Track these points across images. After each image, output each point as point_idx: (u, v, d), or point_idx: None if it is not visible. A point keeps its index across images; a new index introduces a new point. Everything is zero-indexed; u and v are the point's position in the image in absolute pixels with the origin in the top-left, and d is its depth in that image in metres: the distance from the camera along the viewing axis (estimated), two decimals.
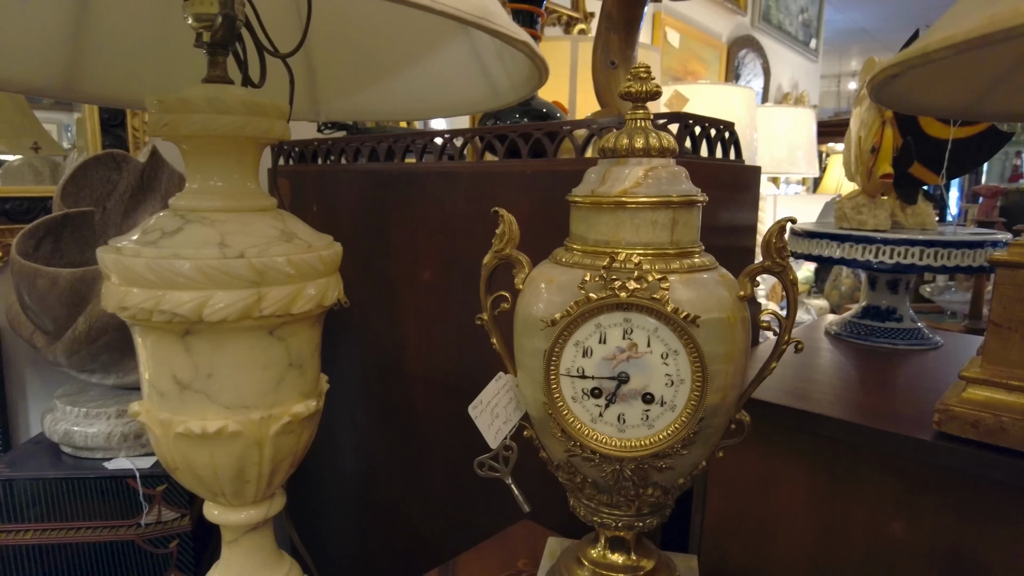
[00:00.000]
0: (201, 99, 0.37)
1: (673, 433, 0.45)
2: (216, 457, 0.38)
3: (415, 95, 0.53)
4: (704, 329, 0.45)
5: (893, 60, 0.37)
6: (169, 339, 0.36)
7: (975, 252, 0.75)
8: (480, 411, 0.55)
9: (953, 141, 0.82)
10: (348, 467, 1.20)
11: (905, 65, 0.36)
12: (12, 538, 0.87)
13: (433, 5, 0.27)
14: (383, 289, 1.05)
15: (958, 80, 0.43)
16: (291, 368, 0.39)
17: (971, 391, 0.55)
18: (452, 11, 0.27)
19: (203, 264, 0.35)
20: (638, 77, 0.50)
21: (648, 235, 0.47)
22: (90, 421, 0.91)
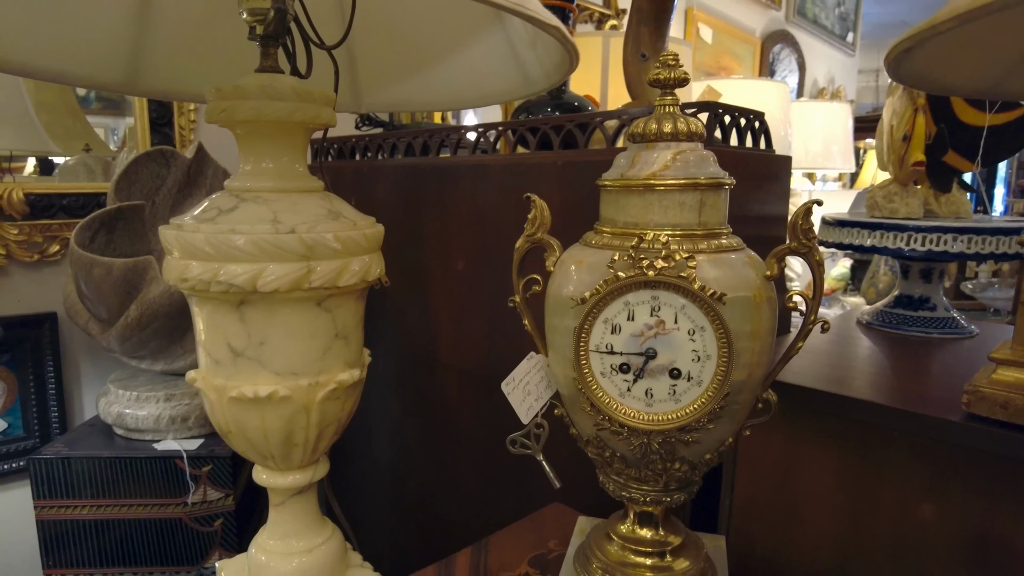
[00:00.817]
0: (255, 87, 0.40)
1: (700, 407, 0.47)
2: (267, 421, 0.41)
3: (451, 85, 0.55)
4: (730, 307, 0.46)
5: (905, 35, 0.38)
6: (224, 309, 0.39)
7: (1010, 239, 0.74)
8: (513, 388, 0.57)
9: (989, 128, 0.81)
10: (384, 457, 1.23)
11: (916, 39, 0.36)
12: (70, 513, 0.92)
13: None
14: (417, 282, 1.08)
15: (980, 58, 0.44)
16: (337, 339, 0.42)
17: (1001, 372, 0.55)
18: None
19: (257, 238, 0.38)
20: (666, 65, 0.51)
21: (676, 216, 0.49)
22: (140, 404, 0.95)
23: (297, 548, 0.46)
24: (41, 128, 1.38)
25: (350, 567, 0.49)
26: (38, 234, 1.13)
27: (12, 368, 1.13)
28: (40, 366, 1.14)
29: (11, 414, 1.13)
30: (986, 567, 0.56)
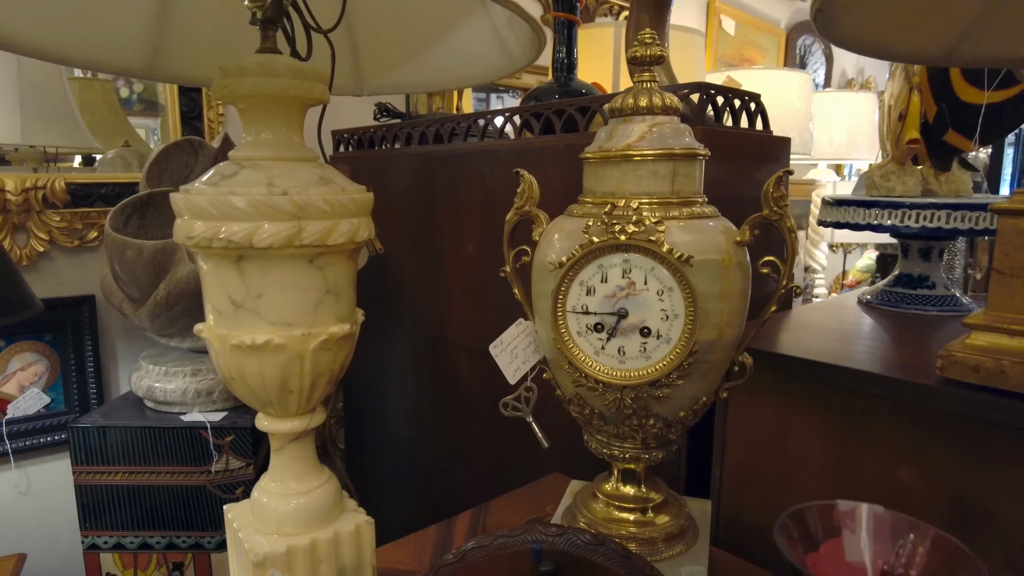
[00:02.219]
0: (254, 65, 0.44)
1: (668, 364, 0.50)
2: (264, 368, 0.45)
3: (444, 67, 0.59)
4: (698, 269, 0.49)
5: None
6: (226, 264, 0.43)
7: None
8: (500, 350, 0.61)
9: (987, 106, 0.82)
10: (402, 434, 1.27)
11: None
12: (105, 479, 0.99)
13: None
14: (431, 265, 1.12)
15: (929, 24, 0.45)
16: (328, 294, 0.46)
17: (974, 337, 0.56)
18: None
19: (253, 199, 0.42)
20: (643, 43, 0.54)
21: (650, 185, 0.52)
22: (169, 378, 1.01)
23: (295, 490, 0.50)
24: (84, 127, 1.47)
25: (345, 511, 0.53)
26: (78, 221, 1.20)
27: (55, 347, 1.21)
28: (80, 345, 1.22)
29: (54, 389, 1.21)
30: (963, 527, 0.58)
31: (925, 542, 0.26)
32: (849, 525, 0.28)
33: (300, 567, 0.49)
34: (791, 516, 0.26)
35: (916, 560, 0.26)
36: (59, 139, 1.45)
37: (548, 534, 0.48)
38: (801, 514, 0.27)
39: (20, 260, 1.15)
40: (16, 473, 1.19)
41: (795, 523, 0.27)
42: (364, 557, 0.52)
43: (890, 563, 0.27)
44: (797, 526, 0.27)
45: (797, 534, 0.26)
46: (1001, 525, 0.55)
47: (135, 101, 1.50)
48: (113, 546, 1.01)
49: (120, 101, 1.50)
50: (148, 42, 0.58)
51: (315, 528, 0.50)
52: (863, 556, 0.27)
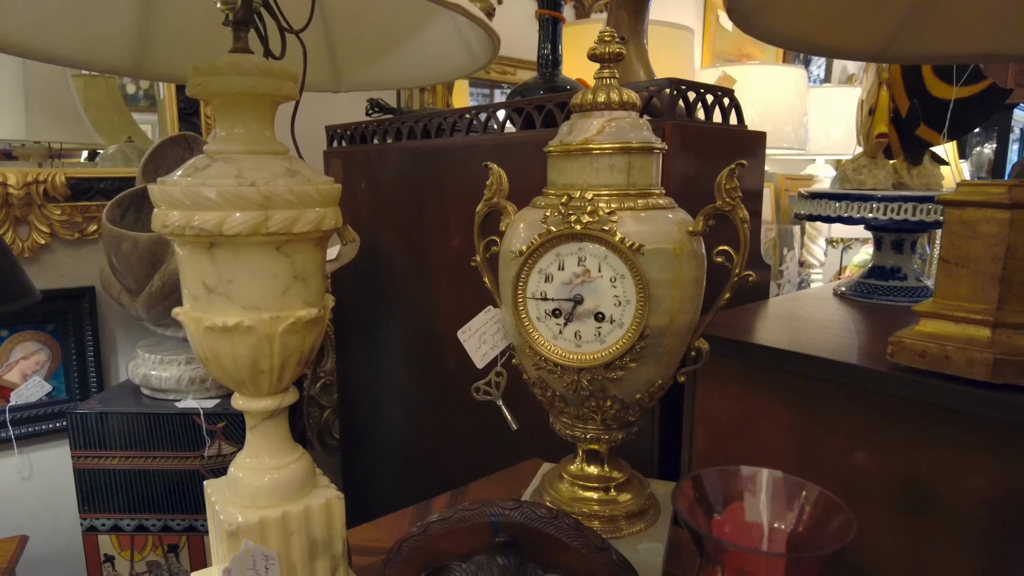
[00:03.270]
0: (225, 64, 0.47)
1: (621, 347, 0.52)
2: (236, 348, 0.48)
3: (415, 64, 0.61)
4: (649, 257, 0.51)
5: None
6: (199, 251, 0.46)
7: None
8: (468, 336, 0.63)
9: (956, 101, 0.84)
10: (394, 423, 1.30)
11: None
12: (103, 463, 1.02)
13: None
14: (420, 257, 1.15)
15: (863, 22, 0.47)
16: (296, 280, 0.48)
17: (922, 324, 0.58)
18: None
19: (223, 190, 0.44)
20: (602, 40, 0.56)
21: (607, 177, 0.54)
22: (164, 367, 1.05)
23: (269, 465, 0.53)
24: (88, 123, 1.51)
25: (317, 486, 0.55)
26: (78, 215, 1.24)
27: (56, 337, 1.25)
28: (80, 335, 1.25)
29: (55, 378, 1.25)
30: (913, 507, 0.60)
31: (810, 500, 0.29)
32: (751, 489, 0.30)
33: (272, 538, 0.52)
34: (691, 480, 0.29)
35: (803, 518, 0.29)
36: (63, 135, 1.48)
37: (505, 508, 0.51)
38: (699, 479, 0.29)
39: (22, 252, 1.19)
40: (19, 458, 1.23)
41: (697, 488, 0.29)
42: (334, 530, 0.55)
43: (782, 521, 0.29)
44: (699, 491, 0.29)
45: (700, 498, 0.29)
46: (946, 504, 0.58)
47: (141, 97, 1.54)
48: (111, 528, 1.04)
49: (126, 97, 1.54)
50: (133, 41, 0.61)
51: (287, 502, 0.53)
52: (761, 517, 0.29)
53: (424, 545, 0.52)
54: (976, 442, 0.55)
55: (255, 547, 0.50)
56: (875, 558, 0.62)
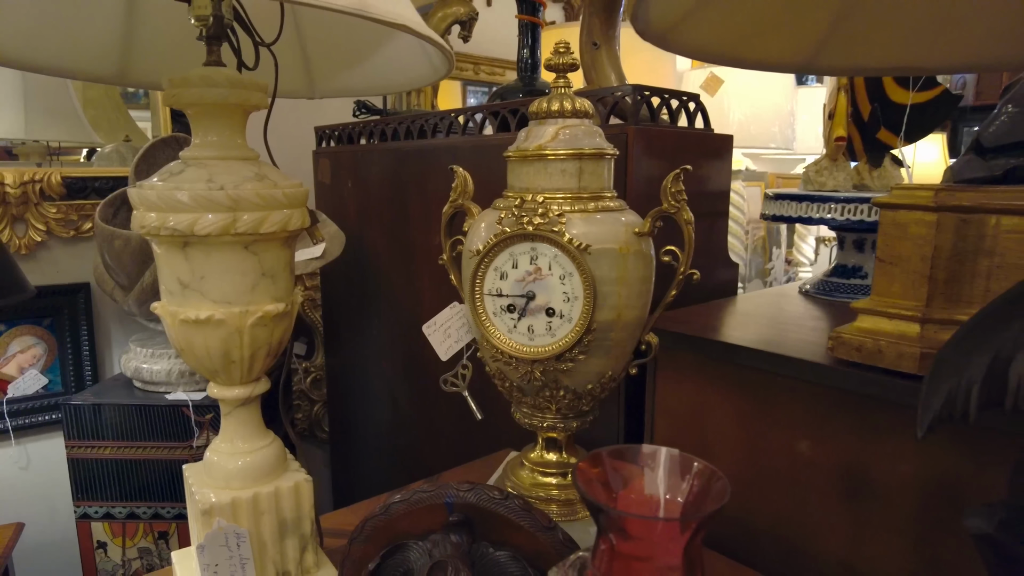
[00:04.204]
0: (197, 77, 0.51)
1: (570, 340, 0.56)
2: (208, 340, 0.51)
3: (382, 73, 0.65)
4: (596, 256, 0.55)
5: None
6: (174, 249, 0.50)
7: None
8: (433, 330, 0.67)
9: (912, 106, 0.87)
10: (380, 416, 1.34)
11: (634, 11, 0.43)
12: (96, 452, 1.06)
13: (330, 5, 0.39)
14: (404, 254, 1.19)
15: (784, 36, 0.50)
16: (264, 277, 0.52)
17: (860, 320, 0.62)
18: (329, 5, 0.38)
19: (195, 193, 0.48)
20: (557, 52, 0.60)
21: (559, 181, 0.58)
22: (155, 360, 1.09)
23: (242, 449, 0.56)
24: (86, 122, 1.55)
25: (288, 470, 0.59)
26: (74, 213, 1.28)
27: (52, 331, 1.29)
28: (76, 330, 1.29)
29: (51, 371, 1.29)
30: (851, 493, 0.64)
31: (695, 472, 0.33)
32: (650, 465, 0.34)
33: (244, 517, 0.55)
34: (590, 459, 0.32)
35: (692, 488, 0.32)
36: (62, 134, 1.52)
37: (460, 490, 0.54)
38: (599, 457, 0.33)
39: (19, 249, 1.23)
40: (16, 449, 1.27)
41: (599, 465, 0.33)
42: (303, 511, 0.58)
43: (677, 493, 0.33)
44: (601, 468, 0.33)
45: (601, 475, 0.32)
46: (881, 490, 0.61)
47: (142, 95, 1.58)
48: (103, 516, 1.08)
49: (127, 95, 1.58)
50: (118, 51, 0.65)
51: (258, 483, 0.56)
52: (658, 491, 0.33)
53: (385, 525, 0.56)
54: (905, 431, 0.59)
55: (227, 525, 0.54)
56: (817, 541, 0.66)
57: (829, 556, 0.65)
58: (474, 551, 0.53)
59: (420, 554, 0.54)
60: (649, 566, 0.29)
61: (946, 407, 0.31)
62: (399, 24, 0.42)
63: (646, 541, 0.29)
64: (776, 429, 0.69)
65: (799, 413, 0.67)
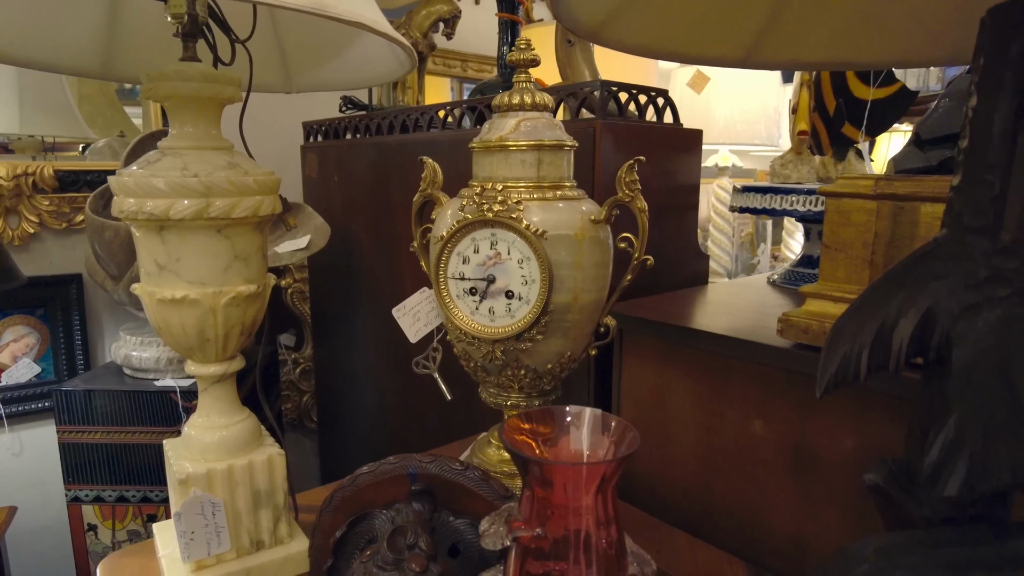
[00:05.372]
0: (173, 72, 0.54)
1: (528, 321, 0.59)
2: (184, 319, 0.54)
3: (354, 68, 0.68)
4: (553, 242, 0.58)
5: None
6: (151, 233, 0.53)
7: None
8: (403, 314, 0.70)
9: (873, 102, 0.90)
10: (365, 405, 1.38)
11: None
12: (88, 437, 1.09)
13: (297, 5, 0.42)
14: (387, 246, 1.22)
15: (720, 32, 0.52)
16: (236, 259, 0.55)
17: (808, 303, 0.65)
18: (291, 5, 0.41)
19: (170, 180, 0.51)
20: (518, 48, 0.63)
21: (519, 171, 0.61)
22: (144, 347, 1.12)
23: (218, 424, 0.60)
24: (80, 118, 1.58)
25: (262, 444, 0.62)
26: (66, 205, 1.31)
27: (45, 321, 1.32)
28: (68, 319, 1.32)
29: (44, 360, 1.32)
30: (800, 469, 0.67)
31: (613, 428, 0.36)
32: (576, 424, 0.37)
33: (219, 487, 0.58)
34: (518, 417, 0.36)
35: (611, 443, 0.35)
36: (57, 129, 1.55)
37: (423, 461, 0.58)
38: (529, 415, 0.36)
39: (12, 241, 1.26)
40: (10, 436, 1.30)
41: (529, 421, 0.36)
42: (276, 483, 0.62)
43: (600, 447, 0.36)
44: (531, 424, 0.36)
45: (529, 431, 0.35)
46: (825, 465, 0.65)
47: (138, 91, 1.61)
48: (94, 499, 1.12)
49: (124, 91, 1.61)
50: (101, 47, 0.68)
51: (233, 456, 0.60)
52: (583, 446, 0.36)
53: (353, 495, 0.59)
54: (846, 409, 0.62)
55: (203, 495, 0.57)
56: (769, 515, 0.69)
57: (779, 530, 0.69)
58: (435, 519, 0.57)
59: (384, 521, 0.57)
60: (566, 510, 0.32)
61: (840, 370, 0.35)
62: (356, 22, 0.45)
63: (563, 487, 0.32)
64: (731, 409, 0.72)
65: (752, 394, 0.70)
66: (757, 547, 0.71)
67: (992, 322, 0.31)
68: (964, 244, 0.32)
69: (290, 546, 0.63)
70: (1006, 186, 0.30)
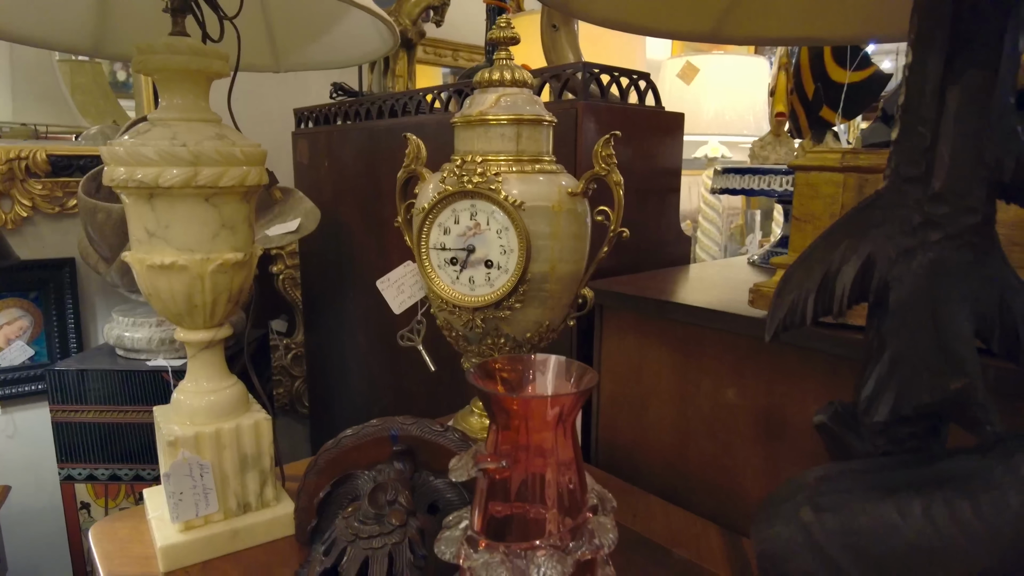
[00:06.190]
0: (162, 45, 0.55)
1: (506, 289, 0.61)
2: (172, 284, 0.56)
3: (340, 48, 0.70)
4: (530, 213, 0.60)
5: None
6: (141, 201, 0.55)
7: None
8: (387, 286, 0.72)
9: (849, 85, 0.93)
10: (355, 388, 1.40)
11: None
12: (80, 416, 1.11)
13: None
14: (376, 230, 1.24)
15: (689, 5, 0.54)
16: (224, 228, 0.57)
17: (778, 275, 0.67)
18: None
19: (159, 149, 0.53)
20: (498, 26, 0.65)
21: (498, 145, 0.63)
22: (136, 328, 1.13)
23: (206, 389, 0.62)
24: (74, 106, 1.60)
25: (249, 410, 0.64)
26: (59, 190, 1.32)
27: (38, 304, 1.33)
28: (61, 302, 1.34)
29: (37, 343, 1.34)
30: (769, 435, 0.69)
31: (575, 372, 0.38)
32: (541, 370, 0.39)
33: (207, 450, 0.60)
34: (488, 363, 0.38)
35: (570, 385, 0.37)
36: (49, 118, 1.57)
37: (404, 424, 0.60)
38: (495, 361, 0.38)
39: (5, 224, 1.27)
40: (4, 418, 1.31)
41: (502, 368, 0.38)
42: (263, 447, 0.64)
43: (564, 391, 0.38)
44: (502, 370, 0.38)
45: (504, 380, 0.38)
46: (794, 431, 0.67)
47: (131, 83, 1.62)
48: (86, 477, 1.13)
49: (117, 84, 1.62)
50: (93, 24, 0.69)
51: (221, 420, 0.62)
52: (547, 390, 0.38)
53: (337, 457, 0.61)
54: (812, 374, 0.64)
55: (191, 456, 0.59)
56: (741, 480, 0.72)
57: (752, 494, 0.71)
58: (416, 478, 0.59)
59: (366, 481, 0.59)
60: (528, 446, 0.35)
61: (788, 316, 0.37)
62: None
63: (524, 421, 0.34)
64: (705, 379, 0.74)
65: (725, 364, 0.72)
66: (730, 511, 0.73)
67: (925, 265, 0.33)
68: (901, 193, 0.34)
69: (276, 509, 0.65)
70: (936, 137, 0.32)
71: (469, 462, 0.35)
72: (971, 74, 0.31)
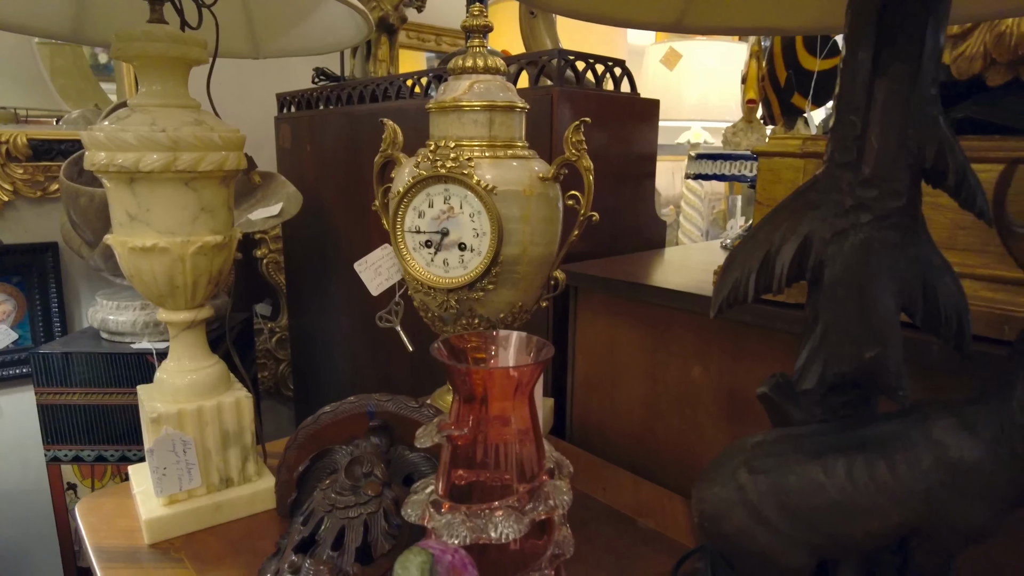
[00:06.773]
0: (141, 33, 0.57)
1: (479, 271, 0.63)
2: (154, 266, 0.58)
3: (318, 35, 0.71)
4: (503, 197, 0.62)
5: None
6: (122, 184, 0.56)
7: None
8: (364, 268, 0.74)
9: (820, 72, 0.95)
10: (340, 372, 1.42)
11: None
12: (65, 399, 1.12)
13: None
14: (358, 214, 1.25)
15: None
16: (203, 211, 0.59)
17: None
18: None
19: (139, 135, 0.54)
20: (471, 14, 0.67)
21: (471, 131, 0.65)
22: (120, 311, 1.15)
23: (188, 368, 0.63)
24: (54, 90, 1.59)
25: (230, 389, 0.66)
26: (40, 174, 1.32)
27: (22, 288, 1.34)
28: (44, 287, 1.35)
29: (21, 327, 1.34)
30: (733, 413, 0.72)
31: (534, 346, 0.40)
32: (504, 345, 0.41)
33: (189, 426, 0.62)
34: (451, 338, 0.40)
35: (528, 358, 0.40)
36: (29, 101, 1.56)
37: (381, 400, 0.62)
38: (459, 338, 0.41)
39: None
40: None
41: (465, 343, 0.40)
42: (244, 424, 0.66)
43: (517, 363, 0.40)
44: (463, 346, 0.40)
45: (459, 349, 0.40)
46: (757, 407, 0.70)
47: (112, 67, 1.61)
48: (72, 459, 1.15)
49: (98, 67, 1.62)
50: (72, 9, 0.70)
51: (203, 398, 0.64)
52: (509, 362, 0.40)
53: (316, 433, 0.63)
54: (774, 354, 0.67)
55: (174, 432, 0.61)
56: (706, 454, 0.75)
57: None
58: (392, 452, 0.61)
59: (344, 455, 0.62)
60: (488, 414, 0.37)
61: (732, 293, 0.39)
62: None
63: (484, 392, 0.37)
64: (673, 358, 0.77)
65: (691, 343, 0.75)
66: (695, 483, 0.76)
67: (856, 245, 0.35)
68: (835, 178, 0.36)
69: (257, 484, 0.67)
70: (866, 126, 0.35)
71: (433, 430, 0.38)
72: (896, 67, 0.33)
